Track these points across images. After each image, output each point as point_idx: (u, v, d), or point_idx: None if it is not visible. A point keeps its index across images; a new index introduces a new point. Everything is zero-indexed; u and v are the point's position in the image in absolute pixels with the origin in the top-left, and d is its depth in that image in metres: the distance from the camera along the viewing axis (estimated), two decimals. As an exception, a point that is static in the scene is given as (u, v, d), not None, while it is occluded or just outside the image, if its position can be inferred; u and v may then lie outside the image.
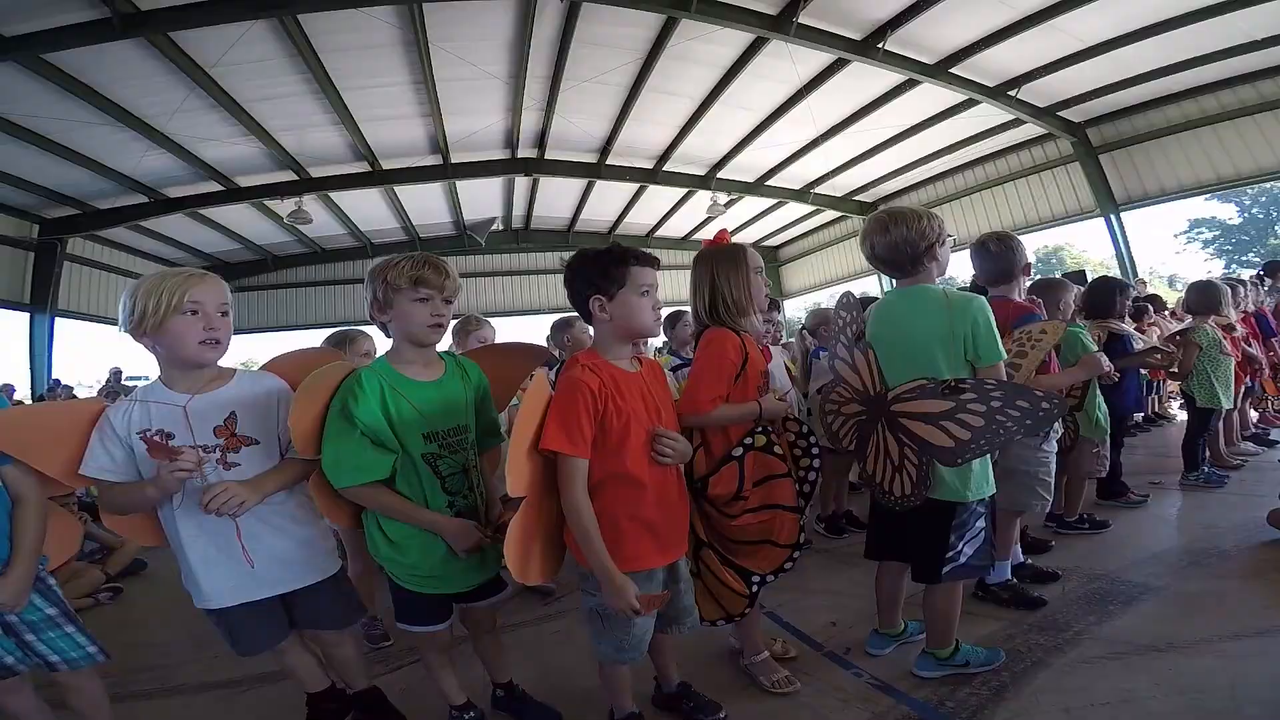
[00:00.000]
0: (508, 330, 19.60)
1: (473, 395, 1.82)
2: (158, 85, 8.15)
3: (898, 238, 1.90)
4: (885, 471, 1.86)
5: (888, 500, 1.86)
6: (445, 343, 2.01)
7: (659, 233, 18.12)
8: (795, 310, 25.02)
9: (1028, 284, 2.90)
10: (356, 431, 1.55)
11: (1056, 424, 2.64)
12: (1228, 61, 9.45)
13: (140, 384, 2.02)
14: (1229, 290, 4.14)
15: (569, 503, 1.53)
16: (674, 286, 19.33)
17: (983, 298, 1.87)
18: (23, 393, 11.52)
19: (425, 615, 1.78)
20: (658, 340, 6.14)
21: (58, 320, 12.73)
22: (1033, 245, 33.25)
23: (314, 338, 20.68)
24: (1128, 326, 3.81)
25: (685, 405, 1.87)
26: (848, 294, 2.27)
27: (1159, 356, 3.66)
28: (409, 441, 1.63)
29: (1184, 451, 4.05)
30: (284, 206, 12.50)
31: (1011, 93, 10.45)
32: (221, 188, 11.87)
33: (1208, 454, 4.22)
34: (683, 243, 18.99)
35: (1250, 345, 4.59)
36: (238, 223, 14.10)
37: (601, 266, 1.70)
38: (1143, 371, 5.04)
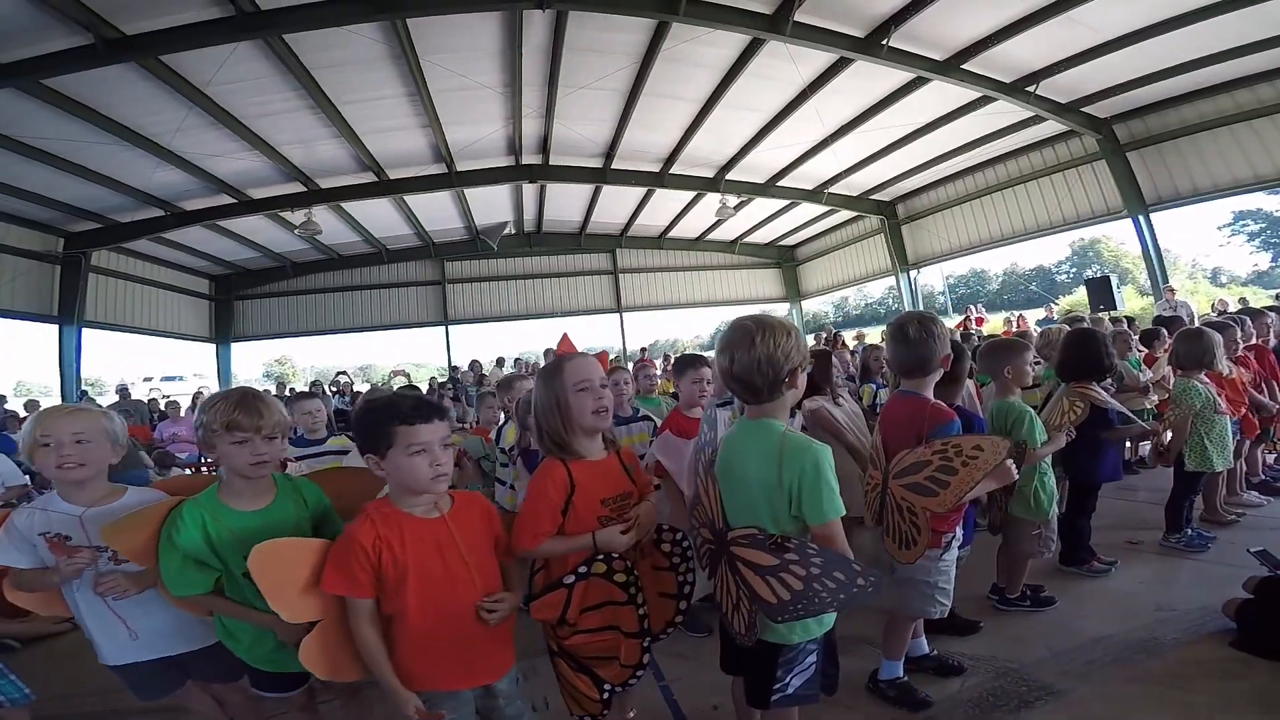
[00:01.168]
0: (526, 333, 19.56)
1: (307, 516, 1.90)
2: (157, 105, 8.31)
3: (762, 355, 1.63)
4: (726, 605, 1.70)
5: (730, 630, 1.72)
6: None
7: (672, 233, 17.97)
8: (820, 306, 24.72)
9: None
10: (179, 554, 1.72)
11: (957, 530, 2.33)
12: (1267, 54, 8.88)
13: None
14: (1219, 340, 3.60)
15: (353, 633, 1.61)
16: (687, 289, 19.34)
17: (820, 448, 1.60)
18: (51, 400, 11.95)
19: (273, 686, 1.97)
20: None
21: (85, 330, 13.15)
22: (1067, 240, 31.90)
23: (330, 343, 21.00)
24: (1108, 397, 3.31)
25: (513, 540, 1.83)
26: (713, 407, 2.09)
27: (1151, 430, 3.39)
28: (231, 562, 1.75)
29: (1167, 512, 3.68)
30: (296, 217, 12.69)
31: (1029, 89, 9.99)
32: (234, 200, 12.11)
33: (1199, 511, 3.87)
34: (696, 244, 18.82)
35: (1261, 389, 4.12)
36: (254, 231, 14.36)
37: (372, 423, 1.66)
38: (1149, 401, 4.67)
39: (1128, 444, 5.02)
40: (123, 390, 11.20)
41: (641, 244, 18.51)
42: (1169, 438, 3.68)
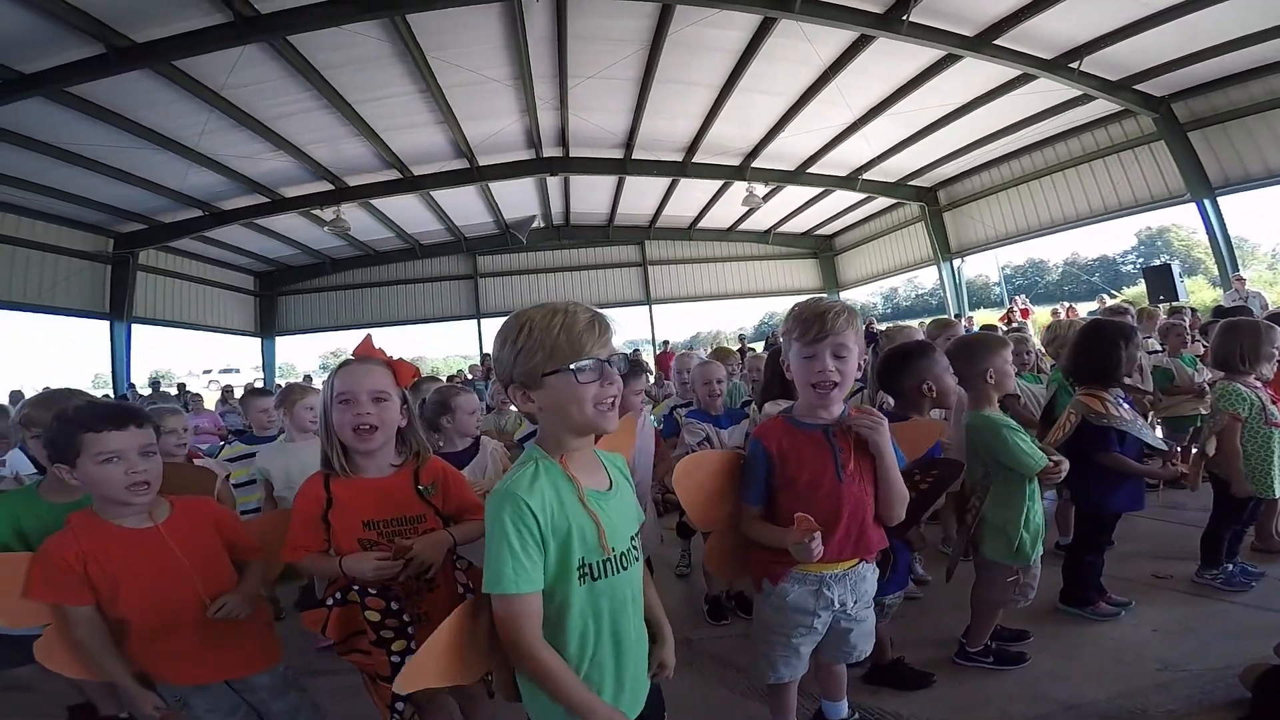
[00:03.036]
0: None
1: None
2: (178, 110, 8.57)
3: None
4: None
5: None
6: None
7: (701, 224, 17.65)
8: (866, 297, 23.88)
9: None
10: None
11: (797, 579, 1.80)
12: None
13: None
14: (1268, 334, 2.88)
15: (76, 640, 1.59)
16: (720, 281, 18.97)
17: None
18: (103, 394, 12.62)
19: None
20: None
21: (136, 326, 13.86)
22: (1133, 228, 29.78)
23: (378, 336, 21.68)
24: (1120, 412, 2.69)
25: (282, 549, 1.72)
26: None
27: (1176, 468, 2.70)
28: None
29: (1203, 543, 2.99)
30: (327, 214, 12.99)
31: (1073, 65, 9.24)
32: (267, 199, 12.48)
33: (1249, 539, 3.16)
34: (728, 234, 18.42)
35: None
36: (292, 229, 14.81)
37: (59, 431, 1.58)
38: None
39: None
40: (154, 383, 11.68)
41: (670, 235, 18.28)
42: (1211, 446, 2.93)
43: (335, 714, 2.05)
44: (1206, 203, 10.74)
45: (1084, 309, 12.66)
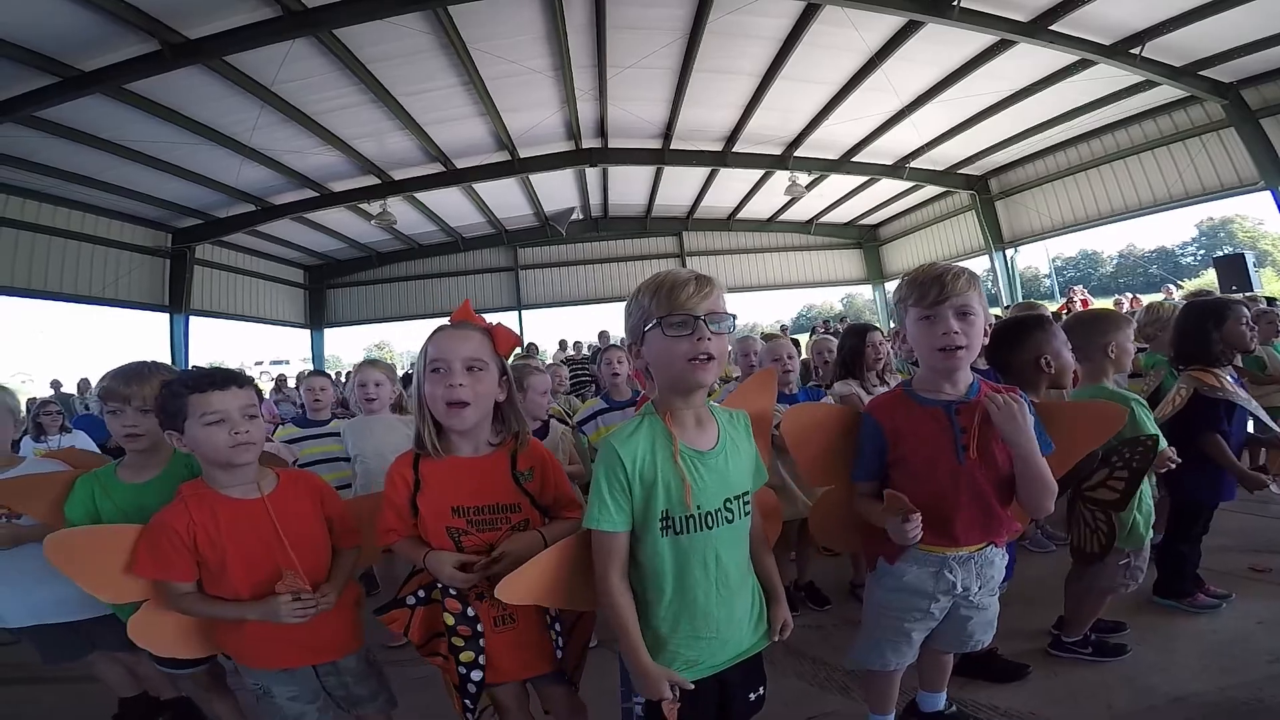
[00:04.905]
0: (597, 317, 19.62)
1: None
2: (230, 106, 8.81)
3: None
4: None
5: None
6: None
7: (740, 215, 17.43)
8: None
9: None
10: (67, 522, 1.75)
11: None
12: None
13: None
14: None
15: (181, 609, 1.63)
16: (761, 271, 18.71)
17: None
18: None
19: (166, 662, 1.95)
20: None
21: (193, 318, 14.39)
22: (1193, 219, 28.36)
23: (422, 328, 21.98)
24: (1235, 387, 2.60)
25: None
26: None
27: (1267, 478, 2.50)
28: None
29: None
30: (373, 208, 13.24)
31: (1134, 50, 8.78)
32: (316, 194, 12.79)
33: None
34: (769, 224, 18.15)
35: None
36: (340, 224, 15.16)
37: (167, 396, 1.61)
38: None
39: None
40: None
41: (709, 226, 18.10)
42: None
43: (406, 705, 1.96)
44: (1280, 190, 10.12)
45: (1147, 300, 12.04)
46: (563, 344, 14.86)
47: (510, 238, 17.73)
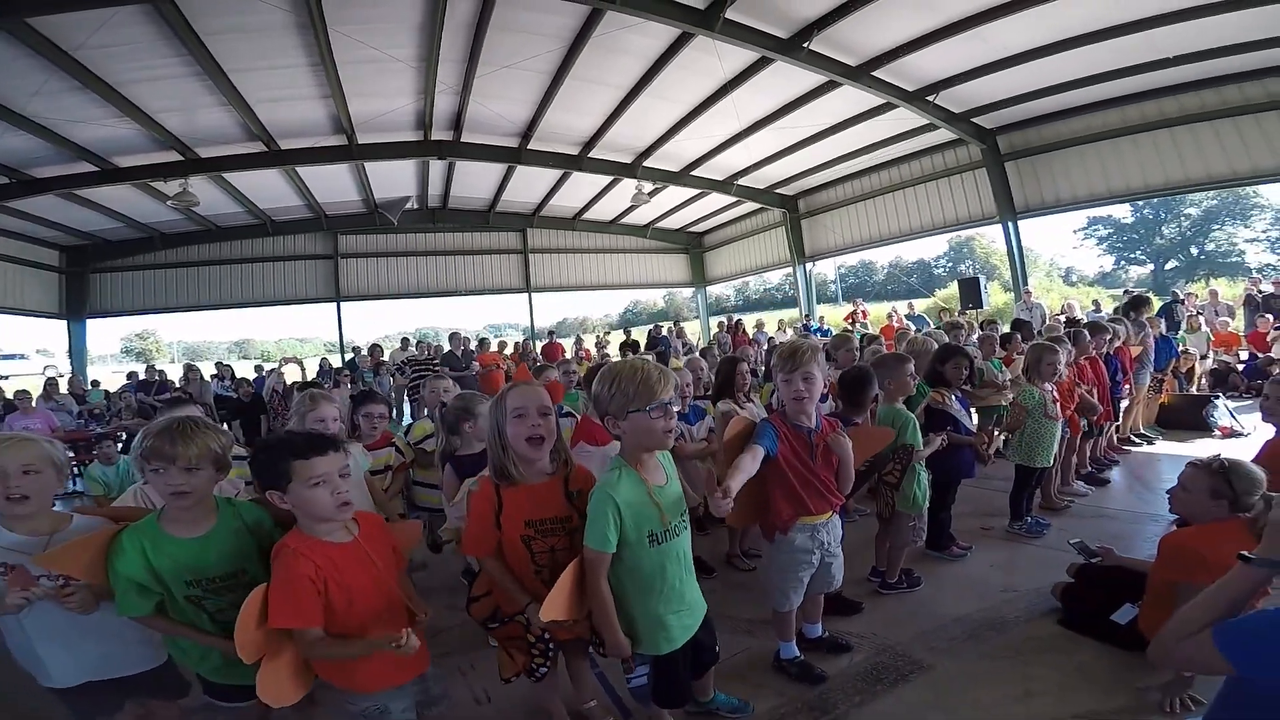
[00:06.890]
0: (427, 311, 19.26)
1: (251, 540, 1.90)
2: (15, 69, 7.21)
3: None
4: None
5: None
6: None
7: (586, 215, 17.83)
8: (723, 290, 25.46)
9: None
10: (121, 580, 1.74)
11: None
12: (1145, 75, 9.90)
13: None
14: (1059, 354, 4.10)
15: (304, 653, 1.74)
16: (599, 271, 19.30)
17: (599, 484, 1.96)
18: None
19: (225, 696, 1.98)
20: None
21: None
22: (944, 237, 34.73)
23: (202, 318, 19.14)
24: (957, 405, 3.86)
25: (464, 545, 2.14)
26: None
27: (983, 437, 3.82)
28: (174, 588, 1.78)
29: (1010, 502, 4.23)
30: (171, 187, 11.38)
31: (930, 98, 10.68)
32: (95, 168, 10.70)
33: (1039, 500, 4.47)
34: (609, 226, 18.80)
35: (1091, 392, 4.72)
36: (118, 200, 12.76)
37: (269, 460, 1.74)
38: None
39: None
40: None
41: (554, 224, 18.25)
42: (1000, 441, 4.21)
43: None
44: (1011, 224, 12.89)
45: (903, 310, 14.41)
46: (405, 342, 14.10)
47: (331, 223, 16.25)
